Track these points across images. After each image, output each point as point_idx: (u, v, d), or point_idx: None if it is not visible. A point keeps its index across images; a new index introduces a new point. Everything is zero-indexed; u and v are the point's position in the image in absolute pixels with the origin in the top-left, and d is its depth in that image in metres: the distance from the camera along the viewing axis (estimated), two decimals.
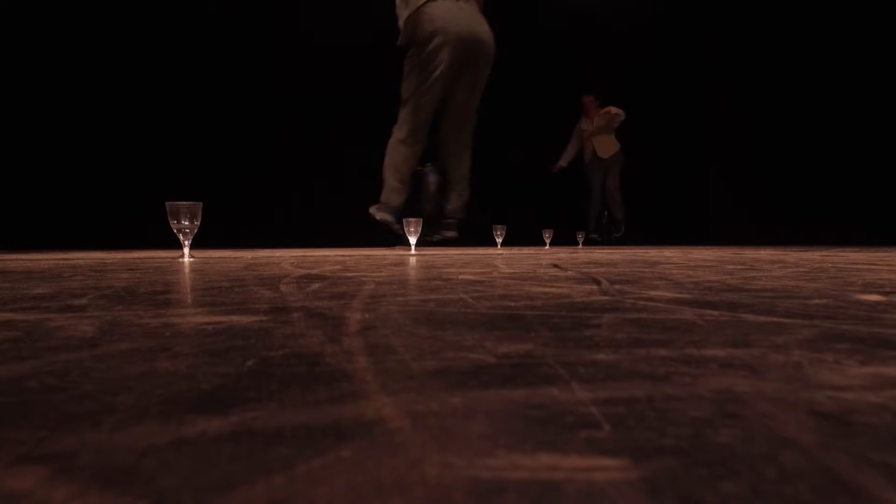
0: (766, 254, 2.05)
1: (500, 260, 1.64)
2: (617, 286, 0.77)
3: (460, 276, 0.97)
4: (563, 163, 4.70)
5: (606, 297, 0.64)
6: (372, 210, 2.76)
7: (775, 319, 0.47)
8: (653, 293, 0.67)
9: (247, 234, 3.38)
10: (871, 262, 1.43)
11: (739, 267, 1.22)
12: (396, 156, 2.59)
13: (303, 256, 1.82)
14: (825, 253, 2.09)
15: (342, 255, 1.91)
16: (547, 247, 3.42)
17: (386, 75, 4.12)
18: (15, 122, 3.25)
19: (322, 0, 3.94)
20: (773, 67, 4.59)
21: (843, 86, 4.21)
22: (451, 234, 2.74)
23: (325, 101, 4.04)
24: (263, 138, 3.86)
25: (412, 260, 1.65)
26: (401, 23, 2.42)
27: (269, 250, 2.53)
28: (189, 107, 3.61)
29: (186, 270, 1.18)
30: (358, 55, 4.07)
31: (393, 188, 2.64)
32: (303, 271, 1.10)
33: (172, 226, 1.64)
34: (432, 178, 2.86)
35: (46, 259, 1.68)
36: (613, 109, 4.51)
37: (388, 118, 4.14)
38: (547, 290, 0.73)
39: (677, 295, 0.66)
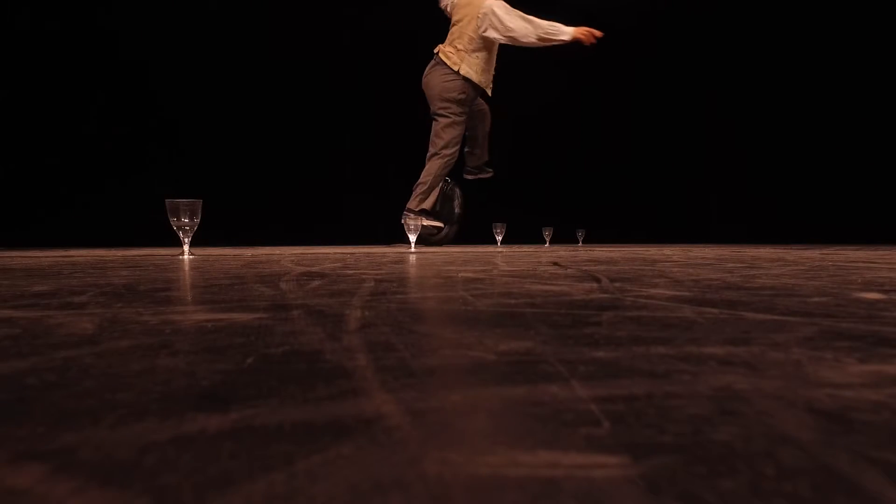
0: (765, 252, 2.05)
1: (499, 258, 1.64)
2: (617, 284, 0.77)
3: (460, 274, 0.97)
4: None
5: (606, 295, 0.64)
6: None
7: (775, 317, 0.47)
8: (653, 291, 0.67)
9: (247, 232, 3.38)
10: (871, 260, 1.43)
11: (739, 265, 1.22)
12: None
13: (303, 254, 1.83)
14: (825, 251, 2.09)
15: (342, 253, 1.91)
16: (547, 245, 3.42)
17: (385, 75, 4.12)
18: (14, 121, 3.25)
19: (320, 1, 3.93)
20: (773, 67, 4.58)
21: (844, 85, 4.20)
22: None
23: (326, 101, 4.03)
24: (263, 136, 3.85)
25: (412, 258, 1.65)
26: None
27: (269, 248, 2.53)
28: (188, 105, 3.61)
29: (186, 268, 1.18)
30: (357, 55, 4.06)
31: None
32: (303, 269, 1.10)
33: (172, 223, 1.64)
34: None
35: (47, 256, 1.68)
36: None
37: (386, 118, 4.14)
38: (547, 287, 0.73)
39: (677, 293, 0.66)
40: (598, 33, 2.80)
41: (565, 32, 2.83)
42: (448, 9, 2.96)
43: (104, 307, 0.54)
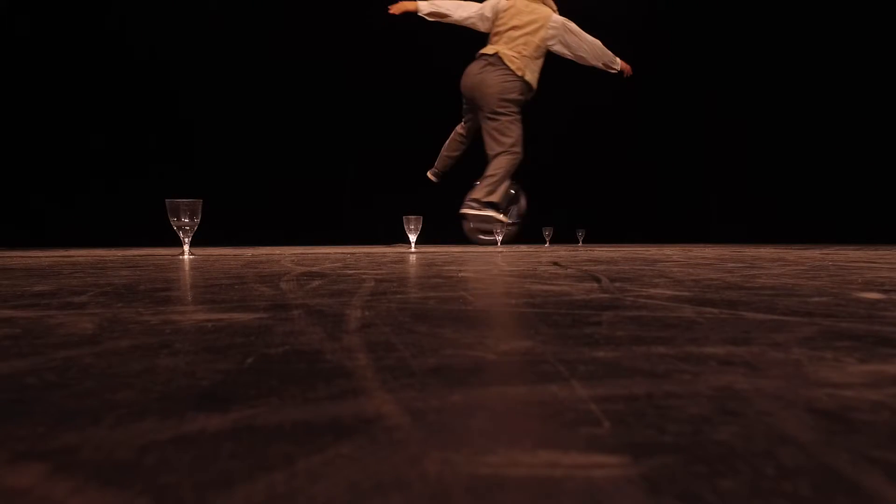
0: (766, 252, 2.05)
1: (500, 258, 1.64)
2: (617, 284, 0.77)
3: (460, 274, 0.98)
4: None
5: (606, 295, 0.64)
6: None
7: (775, 317, 0.47)
8: (653, 291, 0.67)
9: (247, 232, 3.38)
10: (872, 260, 1.43)
11: (739, 265, 1.22)
12: None
13: (303, 254, 1.82)
14: (825, 251, 2.09)
15: (342, 253, 1.91)
16: (547, 245, 3.42)
17: (386, 76, 4.12)
18: (15, 122, 3.25)
19: (316, 3, 3.93)
20: (773, 67, 4.57)
21: (844, 85, 4.20)
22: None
23: (327, 101, 4.03)
24: (264, 136, 3.85)
25: (412, 258, 1.65)
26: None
27: (269, 248, 2.53)
28: (189, 105, 3.61)
29: (186, 268, 1.18)
30: (358, 56, 4.06)
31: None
32: (303, 269, 1.10)
33: (172, 223, 1.64)
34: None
35: (47, 256, 1.68)
36: None
37: (387, 118, 4.14)
38: (547, 287, 0.73)
39: (677, 293, 0.66)
40: (631, 71, 3.23)
41: (617, 62, 3.17)
42: (488, 12, 2.97)
43: (104, 307, 0.54)
